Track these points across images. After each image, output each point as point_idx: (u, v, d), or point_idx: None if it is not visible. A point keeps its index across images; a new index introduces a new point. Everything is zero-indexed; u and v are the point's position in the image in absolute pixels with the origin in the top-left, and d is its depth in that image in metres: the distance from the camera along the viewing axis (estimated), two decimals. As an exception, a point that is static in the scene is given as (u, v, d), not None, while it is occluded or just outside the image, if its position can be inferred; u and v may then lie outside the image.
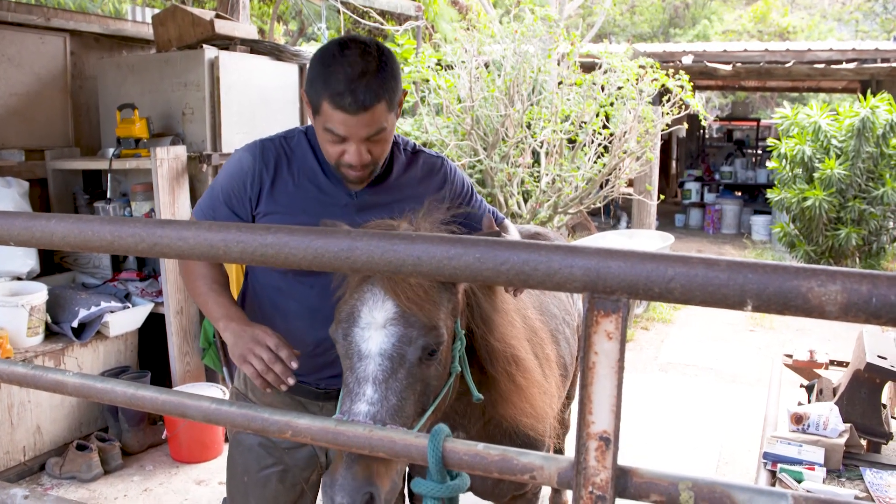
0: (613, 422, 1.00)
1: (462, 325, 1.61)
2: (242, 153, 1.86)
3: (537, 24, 6.86)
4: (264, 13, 11.45)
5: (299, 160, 1.85)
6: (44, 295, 3.77)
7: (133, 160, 4.13)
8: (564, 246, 0.98)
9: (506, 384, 1.71)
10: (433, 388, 1.48)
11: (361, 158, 1.70)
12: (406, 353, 1.41)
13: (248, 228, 1.12)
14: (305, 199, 1.83)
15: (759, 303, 0.89)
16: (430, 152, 2.01)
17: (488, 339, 1.68)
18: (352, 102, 1.62)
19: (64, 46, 4.70)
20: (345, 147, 1.70)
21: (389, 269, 1.04)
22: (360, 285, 1.48)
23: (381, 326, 1.42)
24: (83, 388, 1.37)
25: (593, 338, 0.99)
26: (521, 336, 1.80)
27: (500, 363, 1.69)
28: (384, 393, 1.37)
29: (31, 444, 3.69)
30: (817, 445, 2.52)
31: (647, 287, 0.94)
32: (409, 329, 1.42)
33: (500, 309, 1.72)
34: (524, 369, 1.74)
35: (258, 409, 1.21)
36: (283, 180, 1.83)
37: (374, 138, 1.71)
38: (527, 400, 1.73)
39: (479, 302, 1.67)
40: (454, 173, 2.01)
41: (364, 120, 1.66)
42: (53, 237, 1.24)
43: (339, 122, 1.65)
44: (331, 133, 1.68)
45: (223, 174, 1.86)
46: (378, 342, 1.41)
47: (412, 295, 1.42)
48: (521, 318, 1.88)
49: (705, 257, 0.93)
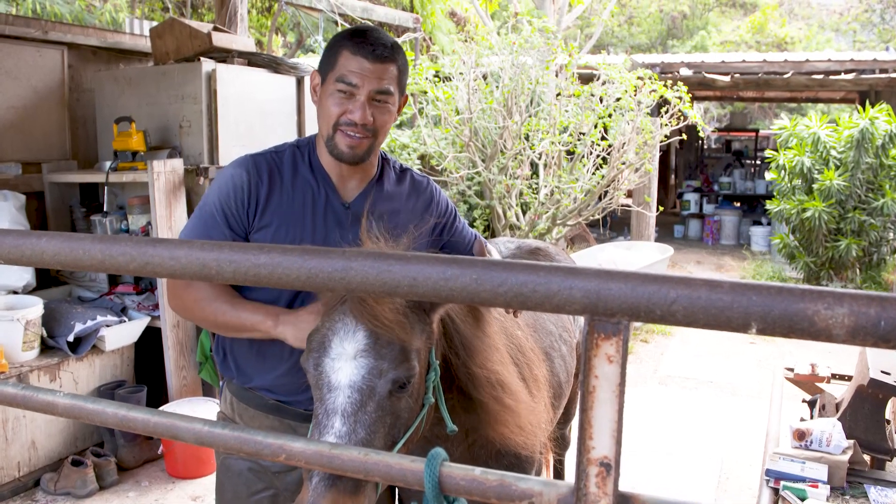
0: (614, 447, 0.97)
1: (437, 354, 1.55)
2: (233, 169, 1.83)
3: (535, 35, 6.86)
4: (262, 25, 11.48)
5: (291, 172, 1.84)
6: (39, 309, 3.75)
7: (130, 173, 4.11)
8: (563, 267, 0.96)
9: (492, 406, 1.66)
10: (404, 420, 1.44)
11: (365, 116, 1.74)
12: (376, 386, 1.37)
13: (241, 248, 1.10)
14: (300, 210, 1.82)
15: (763, 326, 0.87)
16: (416, 172, 2.04)
17: (469, 365, 1.63)
18: (372, 50, 1.72)
19: (61, 59, 4.69)
20: (350, 105, 1.74)
21: (385, 290, 1.02)
22: (332, 313, 1.45)
23: (352, 358, 1.38)
24: (74, 409, 1.34)
25: (593, 361, 0.97)
26: (506, 359, 1.75)
27: (484, 388, 1.65)
28: (353, 426, 1.33)
29: (25, 460, 3.66)
30: (821, 462, 2.49)
31: (649, 310, 0.92)
32: (380, 361, 1.38)
33: (481, 333, 1.68)
34: (510, 391, 1.69)
35: (251, 432, 1.19)
36: (277, 193, 1.81)
37: (379, 101, 1.76)
38: (515, 420, 1.69)
39: (458, 328, 1.63)
40: (439, 194, 2.04)
41: (379, 71, 1.73)
42: (44, 255, 1.22)
43: (356, 68, 1.72)
44: (342, 83, 1.73)
45: (215, 194, 1.81)
46: (348, 374, 1.38)
47: (383, 325, 1.39)
48: (506, 338, 1.85)
49: (708, 279, 0.91)
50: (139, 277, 4.49)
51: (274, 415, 1.87)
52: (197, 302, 1.77)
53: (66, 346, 3.75)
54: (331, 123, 1.77)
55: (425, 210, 1.97)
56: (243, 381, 1.89)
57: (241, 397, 1.91)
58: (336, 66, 1.75)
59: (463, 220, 2.13)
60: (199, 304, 1.77)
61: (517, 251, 2.61)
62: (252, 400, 1.89)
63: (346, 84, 1.73)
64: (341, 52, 1.75)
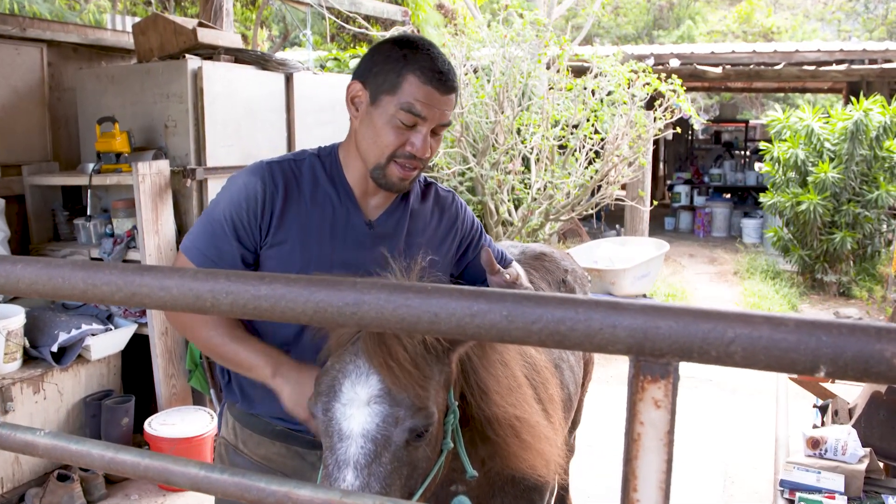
0: (662, 500, 0.88)
1: (455, 395, 1.43)
2: (246, 177, 1.66)
3: (527, 28, 6.75)
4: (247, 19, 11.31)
5: (311, 184, 1.69)
6: (21, 318, 3.61)
7: (114, 175, 3.98)
8: (605, 302, 0.85)
9: (510, 441, 1.55)
10: (422, 469, 1.32)
11: (426, 149, 1.61)
12: (392, 435, 1.26)
13: (240, 277, 0.99)
14: (318, 226, 1.67)
15: (833, 369, 0.77)
16: (441, 186, 1.89)
17: (485, 407, 1.50)
18: (443, 81, 1.59)
19: (41, 57, 4.54)
20: (410, 135, 1.60)
21: (402, 327, 0.91)
22: (343, 353, 1.32)
23: (365, 404, 1.26)
24: (56, 450, 1.22)
25: (638, 406, 0.87)
26: (525, 393, 1.63)
27: (502, 427, 1.53)
28: (366, 479, 1.22)
29: (9, 475, 3.53)
30: (836, 472, 2.42)
31: (703, 350, 0.82)
32: (396, 408, 1.26)
33: (498, 371, 1.54)
34: (529, 428, 1.57)
35: (253, 478, 1.08)
36: (293, 206, 1.66)
37: (438, 132, 1.64)
38: (534, 453, 1.58)
39: (475, 366, 1.49)
40: (464, 210, 1.90)
41: (446, 103, 1.61)
42: (19, 284, 1.11)
43: (425, 97, 1.57)
44: (408, 113, 1.57)
45: (225, 202, 1.64)
46: (361, 422, 1.26)
47: (400, 369, 1.26)
48: (521, 359, 1.73)
49: (770, 315, 0.80)
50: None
51: (281, 441, 1.74)
52: (193, 322, 1.64)
53: (49, 356, 3.62)
54: (385, 153, 1.61)
55: (450, 229, 1.84)
56: (248, 406, 1.76)
57: (246, 423, 1.78)
58: (400, 90, 1.58)
59: (489, 237, 1.99)
60: (194, 327, 1.64)
61: (521, 256, 2.51)
62: (257, 426, 1.76)
63: (413, 115, 1.58)
64: (406, 76, 1.57)
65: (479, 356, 1.50)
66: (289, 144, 4.68)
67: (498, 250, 1.97)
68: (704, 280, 8.96)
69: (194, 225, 1.71)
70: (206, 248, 1.64)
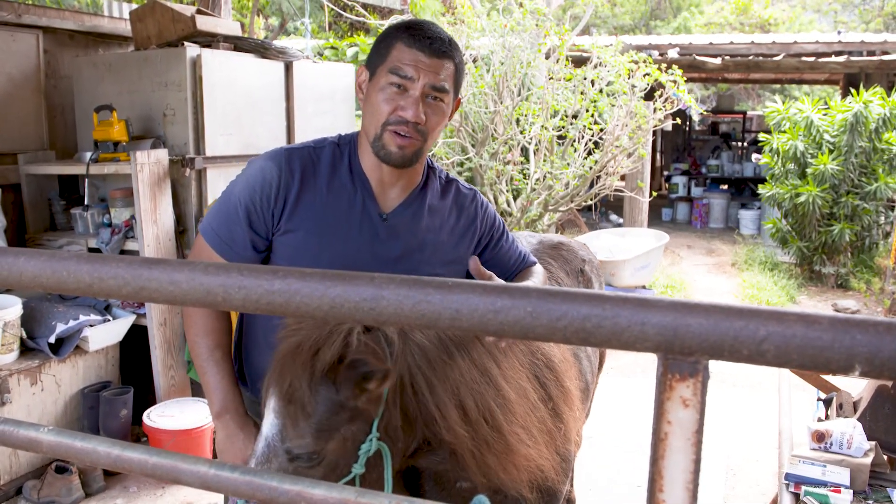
0: (689, 501, 0.86)
1: (381, 426, 1.36)
2: (264, 161, 1.67)
3: (527, 17, 6.71)
4: (244, 6, 11.21)
5: (328, 172, 1.68)
6: (18, 309, 3.57)
7: (111, 164, 3.93)
8: (633, 298, 0.83)
9: (474, 461, 1.48)
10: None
11: (418, 114, 1.58)
12: (279, 449, 1.32)
13: (252, 272, 0.96)
14: (333, 217, 1.65)
15: (869, 368, 0.75)
16: (463, 183, 1.86)
17: (439, 433, 1.44)
18: (430, 43, 1.59)
19: (36, 44, 4.48)
20: (402, 102, 1.59)
21: (422, 323, 0.89)
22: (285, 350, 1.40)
23: (271, 411, 1.36)
24: (60, 446, 1.20)
25: (666, 405, 0.85)
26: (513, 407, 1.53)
27: (462, 451, 1.47)
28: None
29: (6, 467, 3.50)
30: (842, 465, 2.41)
31: (734, 348, 0.80)
32: (284, 429, 1.33)
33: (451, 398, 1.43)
34: (499, 446, 1.49)
35: (264, 476, 1.06)
36: (309, 194, 1.65)
37: (434, 99, 1.61)
38: (510, 468, 1.51)
39: (423, 396, 1.41)
40: (485, 209, 1.86)
41: (436, 65, 1.60)
42: (22, 277, 1.07)
43: (411, 59, 1.58)
44: (395, 75, 1.58)
45: (240, 186, 1.66)
46: (266, 424, 1.36)
47: (282, 400, 1.32)
48: (530, 359, 1.67)
49: (803, 313, 0.78)
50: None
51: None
52: (190, 320, 1.71)
53: (47, 347, 3.58)
54: (380, 122, 1.61)
55: (468, 227, 1.80)
56: (256, 393, 1.74)
57: (255, 411, 1.77)
58: (388, 58, 1.60)
59: (513, 237, 1.95)
60: (190, 325, 1.70)
61: (539, 245, 2.49)
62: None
63: (399, 76, 1.58)
64: (395, 43, 1.60)
65: (428, 386, 1.42)
66: (288, 133, 4.64)
67: (520, 251, 1.94)
68: (703, 271, 8.95)
69: (214, 203, 1.74)
70: (220, 228, 1.67)
